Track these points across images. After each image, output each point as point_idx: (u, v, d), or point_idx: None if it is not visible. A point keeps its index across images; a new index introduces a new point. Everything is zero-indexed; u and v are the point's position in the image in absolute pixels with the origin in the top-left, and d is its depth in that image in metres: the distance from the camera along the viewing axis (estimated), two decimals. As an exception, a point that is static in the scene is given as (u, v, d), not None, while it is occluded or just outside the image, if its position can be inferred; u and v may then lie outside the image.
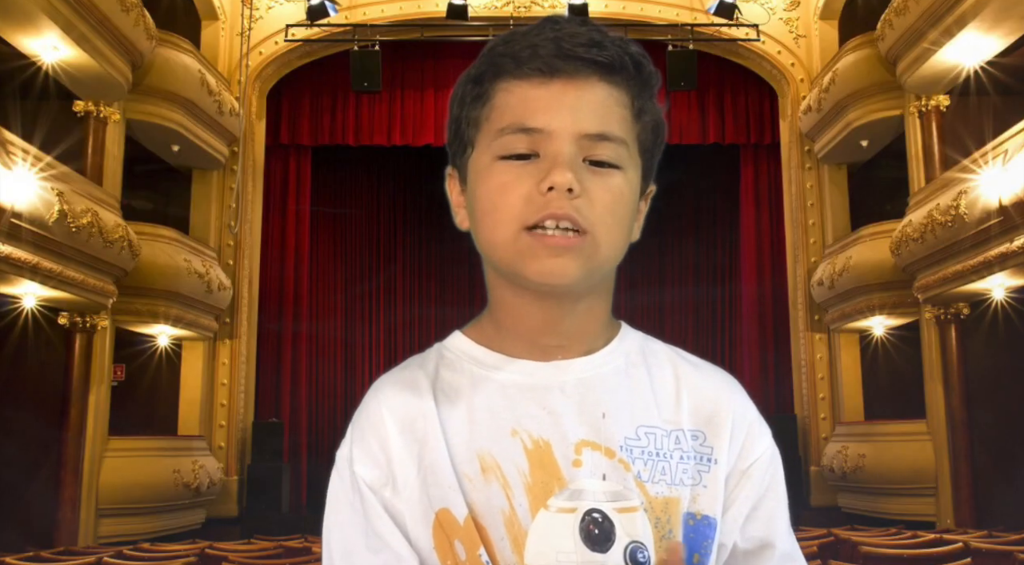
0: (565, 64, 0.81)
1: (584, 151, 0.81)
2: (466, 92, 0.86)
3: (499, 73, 0.83)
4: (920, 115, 10.16)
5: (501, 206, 0.81)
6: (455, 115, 0.87)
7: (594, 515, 0.79)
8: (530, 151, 0.81)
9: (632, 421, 0.83)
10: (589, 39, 0.82)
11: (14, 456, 8.88)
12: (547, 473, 0.80)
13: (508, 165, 0.81)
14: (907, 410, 10.26)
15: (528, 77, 0.82)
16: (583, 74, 0.82)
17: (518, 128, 0.81)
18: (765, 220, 12.33)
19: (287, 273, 12.04)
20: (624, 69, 0.84)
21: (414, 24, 11.51)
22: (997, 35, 8.69)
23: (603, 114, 0.82)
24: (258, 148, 11.88)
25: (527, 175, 0.80)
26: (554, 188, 0.78)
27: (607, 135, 0.81)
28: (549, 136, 0.80)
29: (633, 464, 0.82)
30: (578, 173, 0.79)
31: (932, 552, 5.14)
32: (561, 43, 0.81)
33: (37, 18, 7.93)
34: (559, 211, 0.78)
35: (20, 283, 7.92)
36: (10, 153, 7.37)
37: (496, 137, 0.82)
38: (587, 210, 0.79)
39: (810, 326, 11.70)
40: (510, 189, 0.80)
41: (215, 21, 11.59)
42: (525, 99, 0.81)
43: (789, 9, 12.05)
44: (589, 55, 0.81)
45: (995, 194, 7.95)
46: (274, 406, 11.68)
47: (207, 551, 6.24)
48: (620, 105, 0.83)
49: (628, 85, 0.84)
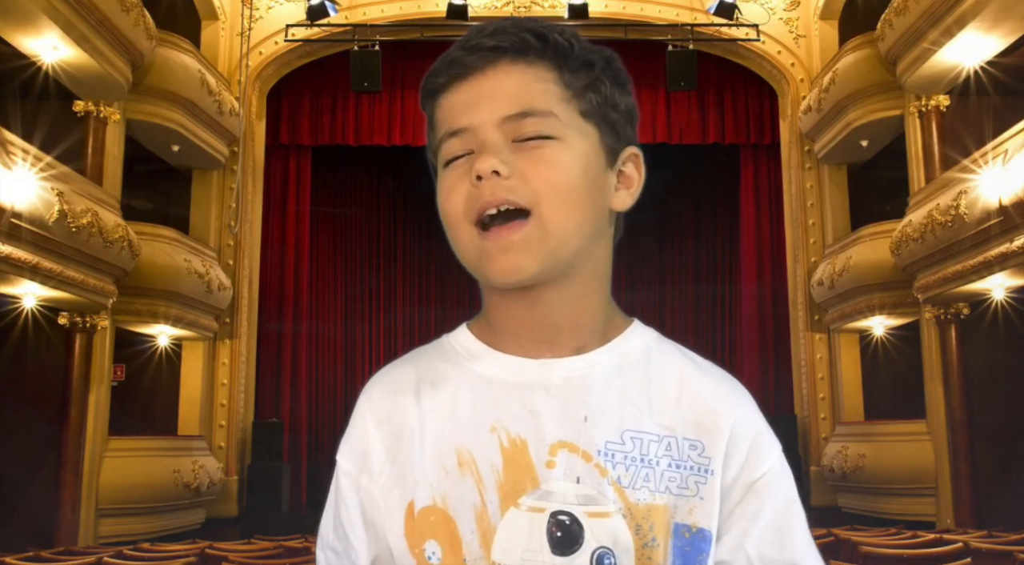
0: (473, 59, 0.82)
1: (511, 133, 0.81)
2: (425, 107, 0.89)
3: (432, 94, 0.86)
4: (920, 115, 10.16)
5: (450, 210, 0.82)
6: (428, 133, 0.90)
7: (560, 518, 0.78)
8: (466, 150, 0.83)
9: (618, 425, 0.82)
10: (493, 29, 0.83)
11: (14, 456, 8.88)
12: (521, 472, 0.80)
13: (450, 170, 0.84)
14: (907, 410, 10.26)
15: (450, 86, 0.84)
16: (492, 64, 0.83)
17: (449, 133, 0.84)
18: (765, 220, 12.33)
19: (287, 273, 12.04)
20: (529, 46, 0.83)
21: (414, 24, 11.51)
22: (997, 35, 8.69)
23: (521, 93, 0.82)
24: (258, 148, 11.88)
25: (463, 174, 0.82)
26: (481, 176, 0.79)
27: (528, 111, 0.81)
28: (474, 132, 0.82)
29: (613, 469, 0.80)
30: (503, 155, 0.80)
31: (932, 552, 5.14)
32: (467, 41, 0.83)
33: (37, 18, 7.93)
34: (491, 197, 0.79)
35: (20, 283, 7.92)
36: (10, 153, 7.37)
37: (439, 150, 0.85)
38: (522, 188, 0.79)
39: (810, 326, 11.70)
40: (453, 191, 0.82)
41: (215, 21, 11.59)
42: (451, 106, 0.84)
43: (789, 9, 12.05)
44: (492, 43, 0.82)
45: (995, 194, 7.95)
46: (274, 406, 11.68)
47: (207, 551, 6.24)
48: (541, 80, 0.83)
49: (545, 60, 0.83)
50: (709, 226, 13.87)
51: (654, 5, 11.72)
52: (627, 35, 11.49)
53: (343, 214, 13.68)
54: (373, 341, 13.64)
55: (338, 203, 13.58)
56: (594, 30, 11.35)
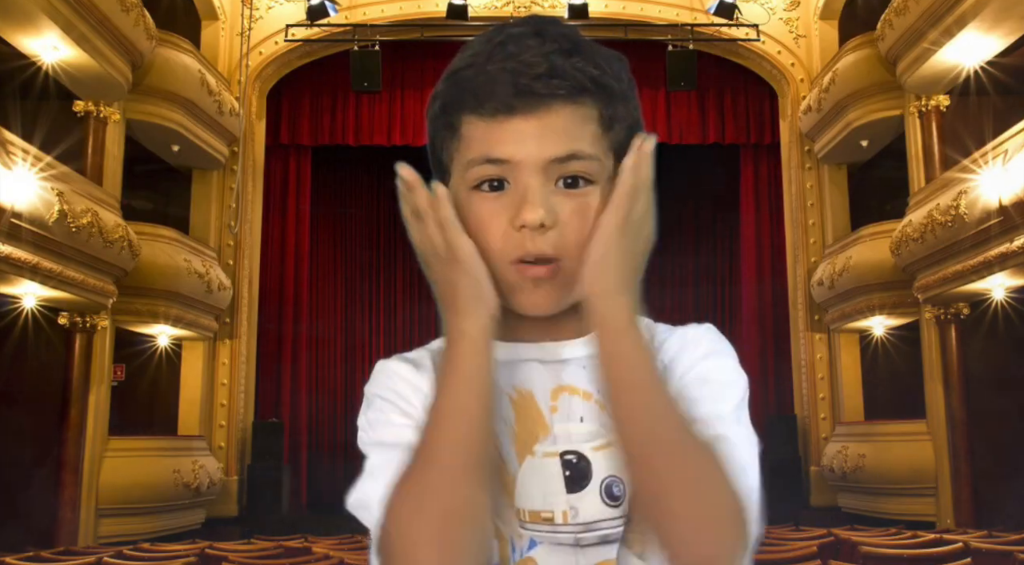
0: (523, 102, 0.80)
1: (555, 173, 0.82)
2: (437, 117, 0.87)
3: (462, 107, 0.83)
4: (920, 115, 10.16)
5: (482, 244, 0.82)
6: (431, 135, 0.88)
7: (567, 458, 0.83)
8: (500, 178, 0.82)
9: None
10: (548, 69, 0.80)
11: (14, 456, 8.88)
12: (532, 421, 0.84)
13: (482, 199, 0.83)
14: (907, 410, 10.26)
15: (490, 114, 0.82)
16: (544, 105, 0.81)
17: (485, 160, 0.82)
18: (765, 220, 12.33)
19: (287, 273, 12.04)
20: (586, 91, 0.82)
21: (414, 24, 11.51)
22: (997, 35, 8.70)
23: (570, 135, 0.82)
24: (258, 148, 11.88)
25: (501, 209, 0.82)
26: (526, 226, 0.80)
27: (576, 154, 0.82)
28: (516, 166, 0.81)
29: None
30: (549, 203, 0.81)
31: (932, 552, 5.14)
32: (518, 79, 0.80)
33: (37, 18, 7.93)
34: (533, 248, 0.81)
35: (20, 283, 7.92)
36: (10, 153, 7.37)
37: (467, 168, 0.83)
38: (560, 241, 0.81)
39: (810, 326, 11.71)
40: (486, 226, 0.82)
41: (215, 21, 11.59)
42: (489, 132, 0.82)
43: (789, 9, 12.05)
44: (547, 90, 0.80)
45: (995, 194, 7.95)
46: (274, 406, 11.68)
47: (207, 551, 6.24)
48: (588, 121, 0.83)
49: (594, 101, 0.83)
50: (709, 226, 13.87)
51: (654, 5, 11.72)
52: (627, 35, 11.48)
53: (343, 214, 13.68)
54: (373, 341, 13.64)
55: (338, 203, 13.58)
56: (594, 30, 11.34)
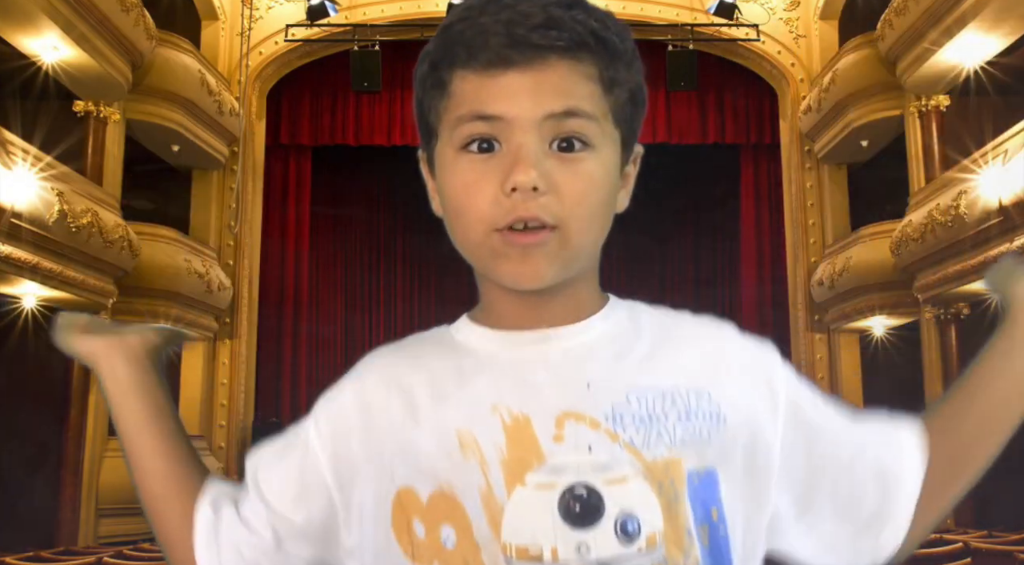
0: (518, 53, 0.75)
1: (550, 133, 0.76)
2: (425, 75, 0.81)
3: (453, 61, 0.78)
4: (920, 115, 10.16)
5: (468, 208, 0.77)
6: (418, 97, 0.83)
7: (577, 491, 0.76)
8: (491, 138, 0.77)
9: (622, 386, 0.80)
10: (545, 19, 0.75)
11: (14, 456, 8.88)
12: (524, 448, 0.77)
13: (471, 160, 0.78)
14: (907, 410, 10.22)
15: (482, 68, 0.76)
16: (540, 58, 0.76)
17: (475, 116, 0.77)
18: (765, 220, 12.33)
19: (287, 273, 12.04)
20: (586, 46, 0.77)
21: (414, 24, 11.51)
22: (997, 35, 8.70)
23: (567, 90, 0.76)
24: (258, 148, 11.88)
25: (490, 172, 0.76)
26: (517, 188, 0.75)
27: (574, 110, 0.76)
28: (509, 124, 0.76)
29: (624, 432, 0.78)
30: (543, 166, 0.75)
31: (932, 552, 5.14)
32: (513, 29, 0.75)
33: (37, 18, 7.93)
34: (525, 213, 0.75)
35: (20, 283, 7.92)
36: (10, 153, 7.37)
37: (455, 126, 0.78)
38: (555, 206, 0.76)
39: (810, 326, 11.71)
40: (474, 189, 0.77)
41: (215, 21, 11.59)
42: (480, 87, 0.76)
43: (789, 9, 12.05)
44: (546, 41, 0.75)
45: (995, 194, 7.95)
46: (274, 406, 11.68)
47: (207, 551, 6.22)
48: (587, 78, 0.77)
49: (594, 58, 0.78)
50: (709, 226, 13.87)
51: (654, 5, 11.72)
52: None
53: (343, 214, 13.68)
54: (373, 341, 13.58)
55: (338, 203, 13.57)
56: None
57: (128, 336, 0.99)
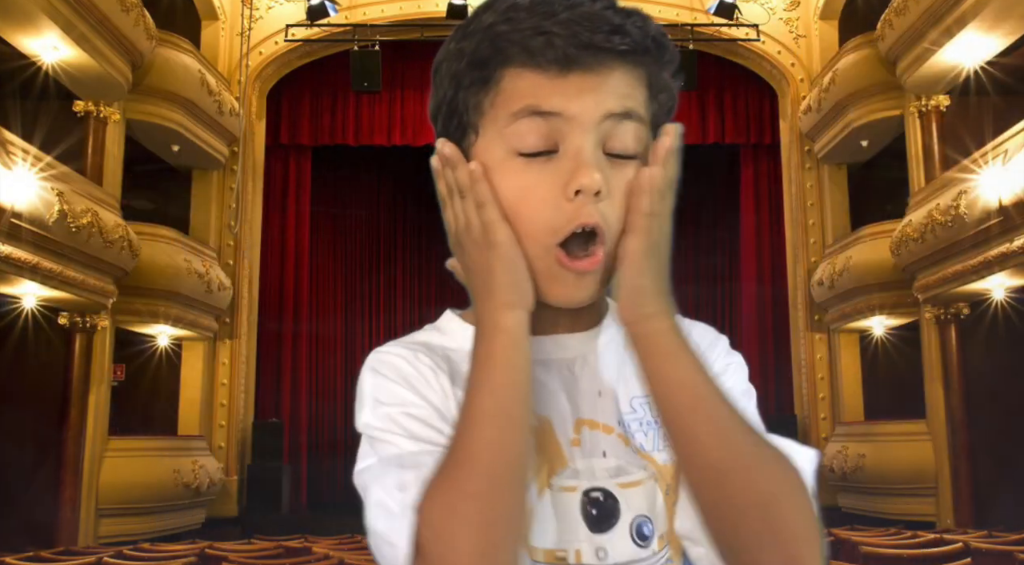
0: (584, 55, 0.74)
1: (605, 136, 0.75)
2: (463, 73, 0.77)
3: (506, 61, 0.75)
4: (920, 115, 10.16)
5: (525, 214, 0.74)
6: (449, 95, 0.79)
7: (593, 495, 0.77)
8: (549, 144, 0.74)
9: (626, 394, 0.82)
10: (610, 25, 0.74)
11: (14, 456, 8.88)
12: (549, 453, 0.78)
13: (526, 164, 0.75)
14: (907, 410, 10.26)
15: (542, 68, 0.74)
16: (603, 62, 0.75)
17: (532, 111, 0.74)
18: (765, 220, 12.33)
19: (287, 273, 12.05)
20: (647, 53, 0.77)
21: (414, 24, 11.51)
22: (997, 35, 8.70)
23: (626, 94, 0.76)
24: (258, 148, 11.88)
25: (549, 175, 0.74)
26: (582, 191, 0.72)
27: (631, 112, 0.76)
28: (569, 122, 0.74)
29: (634, 437, 0.80)
30: (604, 169, 0.74)
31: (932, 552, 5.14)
32: (578, 32, 0.73)
33: (37, 18, 7.93)
34: (588, 220, 0.73)
35: (20, 283, 7.92)
36: (10, 153, 7.37)
37: (507, 123, 0.75)
38: (611, 214, 0.74)
39: (810, 326, 11.71)
40: (532, 193, 0.74)
41: (215, 21, 11.59)
42: (539, 85, 0.74)
43: (789, 9, 12.05)
44: (610, 45, 0.74)
45: (995, 194, 7.95)
46: (274, 406, 11.68)
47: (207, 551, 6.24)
48: (641, 85, 0.78)
49: (647, 65, 0.78)
50: (709, 226, 13.86)
51: (654, 5, 11.71)
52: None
53: (343, 214, 13.68)
54: (373, 341, 13.62)
55: (338, 203, 13.57)
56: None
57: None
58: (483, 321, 0.75)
